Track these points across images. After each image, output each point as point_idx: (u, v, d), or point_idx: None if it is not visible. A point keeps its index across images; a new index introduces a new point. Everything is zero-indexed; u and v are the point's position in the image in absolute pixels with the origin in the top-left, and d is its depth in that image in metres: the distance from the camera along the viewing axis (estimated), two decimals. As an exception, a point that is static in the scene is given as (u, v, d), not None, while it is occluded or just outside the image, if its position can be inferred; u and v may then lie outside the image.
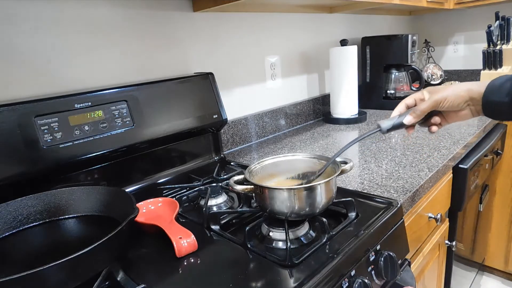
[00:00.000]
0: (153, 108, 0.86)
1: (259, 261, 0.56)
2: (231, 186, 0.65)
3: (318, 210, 0.62)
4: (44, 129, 0.70)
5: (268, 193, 0.61)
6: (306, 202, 0.61)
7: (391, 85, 1.68)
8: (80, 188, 0.69)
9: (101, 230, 0.62)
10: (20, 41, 0.76)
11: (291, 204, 0.60)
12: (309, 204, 0.61)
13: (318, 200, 0.61)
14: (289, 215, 0.61)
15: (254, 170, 0.71)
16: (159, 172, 0.93)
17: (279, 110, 1.40)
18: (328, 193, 0.63)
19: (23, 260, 0.56)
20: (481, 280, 1.82)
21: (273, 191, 0.61)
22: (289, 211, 0.61)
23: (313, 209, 0.62)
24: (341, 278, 0.55)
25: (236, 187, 0.64)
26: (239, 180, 0.68)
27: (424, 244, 0.98)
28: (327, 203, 0.63)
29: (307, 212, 0.62)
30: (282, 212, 0.61)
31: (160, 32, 1.00)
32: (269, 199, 0.61)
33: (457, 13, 2.12)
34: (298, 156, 0.76)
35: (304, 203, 0.61)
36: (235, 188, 0.64)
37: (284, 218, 0.62)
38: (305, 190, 0.60)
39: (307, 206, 0.61)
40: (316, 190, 0.61)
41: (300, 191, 0.60)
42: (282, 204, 0.60)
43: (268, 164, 0.74)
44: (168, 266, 0.57)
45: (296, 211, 0.61)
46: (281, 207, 0.61)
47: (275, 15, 1.35)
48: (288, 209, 0.60)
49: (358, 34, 1.81)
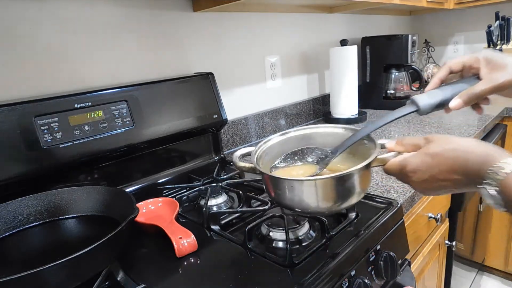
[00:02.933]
0: (153, 108, 0.86)
1: (259, 261, 0.56)
2: (233, 163, 0.57)
3: (350, 204, 0.51)
4: (44, 129, 0.70)
5: (283, 184, 0.50)
6: (336, 194, 0.49)
7: (391, 85, 1.67)
8: (80, 188, 0.69)
9: (101, 230, 0.62)
10: (20, 41, 0.76)
11: (312, 198, 0.49)
12: (339, 196, 0.49)
13: (353, 192, 0.49)
14: (311, 211, 0.52)
15: (260, 153, 0.59)
16: (159, 172, 0.93)
17: (279, 110, 1.40)
18: (364, 182, 0.51)
19: (23, 260, 0.56)
20: (481, 280, 1.82)
21: (291, 182, 0.49)
22: (310, 207, 0.50)
23: (345, 203, 0.50)
24: (341, 278, 0.55)
25: (239, 163, 0.56)
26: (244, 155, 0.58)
27: (424, 244, 0.98)
28: (361, 195, 0.52)
29: (333, 208, 0.50)
30: (303, 206, 0.50)
31: (160, 32, 1.00)
32: (287, 192, 0.50)
33: (457, 13, 2.12)
34: (311, 129, 0.62)
35: (332, 196, 0.49)
36: (238, 165, 0.56)
37: (304, 215, 0.57)
38: (336, 179, 0.48)
39: (337, 199, 0.49)
40: (351, 179, 0.48)
41: (327, 182, 0.48)
42: (303, 198, 0.49)
43: (276, 143, 0.62)
44: (168, 266, 0.57)
45: (320, 208, 0.50)
46: (303, 201, 0.49)
47: (275, 15, 1.35)
48: (308, 204, 0.49)
49: (358, 34, 1.80)
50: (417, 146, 0.48)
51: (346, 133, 0.59)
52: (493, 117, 1.34)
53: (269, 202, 0.71)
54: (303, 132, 0.63)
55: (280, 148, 0.62)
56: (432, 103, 0.52)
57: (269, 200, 0.73)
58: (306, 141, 0.62)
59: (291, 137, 0.63)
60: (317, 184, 0.48)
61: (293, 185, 0.49)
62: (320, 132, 0.62)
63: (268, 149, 0.60)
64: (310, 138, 0.62)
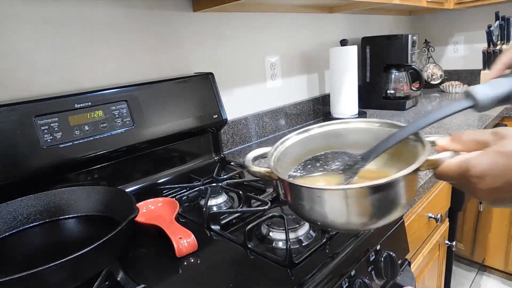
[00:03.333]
0: (153, 108, 0.86)
1: (259, 261, 0.56)
2: (247, 168, 0.48)
3: (390, 221, 0.40)
4: (44, 129, 0.70)
5: (310, 194, 0.40)
6: (375, 208, 0.38)
7: (391, 85, 1.67)
8: (80, 188, 0.69)
9: (101, 230, 0.62)
10: (20, 41, 0.76)
11: (344, 212, 0.38)
12: (379, 210, 0.39)
13: (396, 204, 0.39)
14: (345, 228, 0.42)
15: (278, 155, 0.49)
16: (159, 172, 0.93)
17: (279, 110, 1.40)
18: (410, 191, 0.40)
19: (23, 260, 0.56)
20: (481, 280, 1.82)
21: (320, 192, 0.39)
22: (344, 223, 0.40)
23: (385, 218, 0.40)
24: (341, 278, 0.55)
25: (252, 168, 0.47)
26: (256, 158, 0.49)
27: (424, 244, 0.98)
28: (405, 208, 0.41)
29: (369, 225, 0.40)
30: (334, 222, 0.40)
31: (160, 32, 1.00)
32: (314, 204, 0.40)
33: (457, 13, 2.12)
34: (338, 125, 0.51)
35: (370, 210, 0.38)
36: (251, 169, 0.47)
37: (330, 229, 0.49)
38: (374, 188, 0.37)
39: (376, 214, 0.39)
40: (395, 187, 0.38)
41: (362, 192, 0.37)
42: (334, 212, 0.39)
43: (296, 143, 0.52)
44: (168, 266, 0.57)
45: (356, 225, 0.40)
46: (333, 216, 0.39)
47: (275, 15, 1.35)
48: (341, 219, 0.39)
49: (358, 34, 1.80)
50: (482, 143, 0.37)
51: (382, 130, 0.48)
52: (493, 117, 1.34)
53: (269, 202, 0.71)
54: (329, 129, 0.52)
55: (301, 148, 0.52)
56: (495, 96, 0.40)
57: (269, 200, 0.73)
58: (333, 140, 0.52)
59: (314, 135, 0.53)
60: (351, 195, 0.37)
61: (322, 196, 0.38)
62: (350, 129, 0.51)
63: (286, 150, 0.51)
64: (337, 136, 0.52)
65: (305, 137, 0.52)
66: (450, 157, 0.39)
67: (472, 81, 2.10)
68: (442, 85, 2.00)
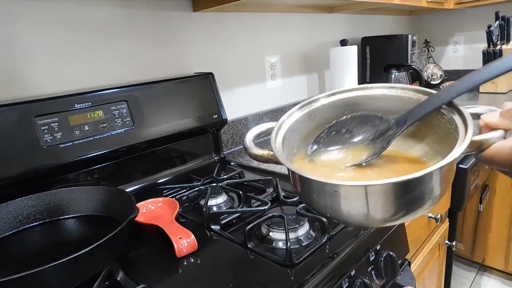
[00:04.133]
0: (153, 108, 0.86)
1: (259, 261, 0.56)
2: (246, 150, 0.41)
3: (419, 214, 0.34)
4: (44, 129, 0.70)
5: (323, 188, 0.34)
6: (402, 204, 0.32)
7: (391, 85, 1.67)
8: (80, 188, 0.69)
9: (101, 230, 0.62)
10: (21, 41, 0.76)
11: (365, 209, 0.32)
12: (409, 204, 0.32)
13: (428, 197, 0.32)
14: (364, 224, 0.36)
15: (284, 131, 0.41)
16: (159, 172, 0.93)
17: (279, 110, 1.40)
18: (446, 180, 0.33)
19: (23, 260, 0.56)
20: (481, 280, 1.82)
21: (336, 187, 0.32)
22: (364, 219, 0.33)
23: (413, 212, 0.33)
24: (341, 278, 0.55)
25: (253, 150, 0.40)
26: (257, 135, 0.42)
27: (424, 244, 0.98)
28: (437, 199, 0.33)
29: (405, 214, 0.33)
30: (353, 218, 0.34)
31: (160, 32, 1.00)
32: (328, 198, 0.34)
33: (457, 13, 2.12)
34: (354, 92, 0.43)
35: (398, 205, 0.32)
36: (252, 152, 0.40)
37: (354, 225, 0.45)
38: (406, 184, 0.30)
39: (401, 211, 0.32)
40: (428, 181, 0.31)
41: (387, 188, 0.31)
42: (356, 207, 0.33)
43: (305, 115, 0.43)
44: (168, 266, 0.57)
45: (377, 221, 0.33)
46: (353, 212, 0.33)
47: (275, 15, 1.35)
48: (362, 216, 0.33)
49: (358, 34, 1.80)
50: None
51: (416, 98, 0.39)
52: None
53: (269, 202, 0.71)
54: (343, 97, 0.43)
55: (312, 122, 0.44)
56: None
57: (269, 200, 0.73)
58: (349, 110, 0.43)
59: (326, 104, 0.44)
60: (374, 191, 0.31)
61: (339, 191, 0.32)
62: (371, 96, 0.42)
63: (294, 124, 0.42)
64: (355, 105, 0.43)
65: (316, 107, 0.44)
66: (500, 137, 0.31)
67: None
68: (442, 85, 2.00)
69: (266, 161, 0.39)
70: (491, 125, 0.33)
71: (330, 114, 0.44)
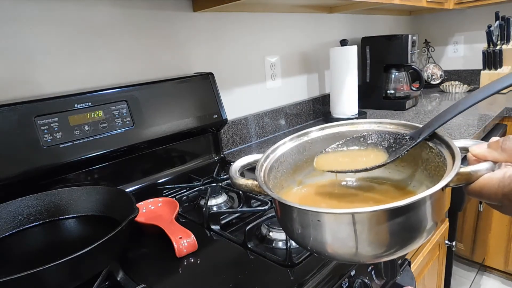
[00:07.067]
0: (153, 108, 0.86)
1: (259, 261, 0.56)
2: (231, 180, 0.42)
3: (411, 249, 0.32)
4: (44, 129, 0.70)
5: (305, 217, 0.32)
6: (393, 235, 0.30)
7: (391, 85, 1.68)
8: (80, 188, 0.69)
9: (101, 230, 0.62)
10: (21, 41, 0.76)
11: (353, 242, 0.30)
12: (399, 238, 0.30)
13: (419, 229, 0.31)
14: (350, 260, 0.33)
15: (271, 162, 0.42)
16: (159, 172, 0.93)
17: (279, 110, 1.40)
18: (438, 212, 0.32)
19: (23, 260, 0.56)
20: (481, 280, 1.82)
21: (319, 216, 0.31)
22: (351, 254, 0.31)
23: (405, 247, 0.31)
24: (341, 278, 0.55)
25: (238, 180, 0.40)
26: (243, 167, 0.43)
27: (424, 244, 0.98)
28: (431, 232, 0.32)
29: (385, 256, 0.31)
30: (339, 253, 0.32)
31: (160, 32, 1.00)
32: (311, 229, 0.31)
33: (457, 13, 2.12)
34: (344, 127, 0.44)
35: (385, 239, 0.30)
36: (237, 182, 0.41)
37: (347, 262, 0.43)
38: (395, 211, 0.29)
39: (393, 244, 0.30)
40: (420, 209, 0.30)
41: (378, 216, 0.29)
42: (341, 240, 0.31)
43: (294, 148, 0.44)
44: (168, 266, 0.57)
45: (366, 257, 0.31)
46: (338, 246, 0.31)
47: (275, 15, 1.35)
48: (348, 251, 0.31)
49: (358, 34, 1.80)
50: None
51: (404, 132, 0.41)
52: (493, 117, 1.34)
53: (269, 202, 0.71)
54: (333, 131, 0.44)
55: (301, 155, 0.45)
56: None
57: (269, 200, 0.73)
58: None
59: (315, 138, 0.45)
60: (361, 220, 0.29)
61: (322, 220, 0.30)
62: (360, 131, 0.43)
63: (281, 157, 0.44)
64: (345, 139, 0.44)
65: (305, 140, 0.45)
66: (489, 169, 0.31)
67: (472, 81, 2.10)
68: (442, 85, 2.00)
69: (251, 191, 0.39)
70: (480, 157, 0.33)
71: (319, 148, 0.44)
